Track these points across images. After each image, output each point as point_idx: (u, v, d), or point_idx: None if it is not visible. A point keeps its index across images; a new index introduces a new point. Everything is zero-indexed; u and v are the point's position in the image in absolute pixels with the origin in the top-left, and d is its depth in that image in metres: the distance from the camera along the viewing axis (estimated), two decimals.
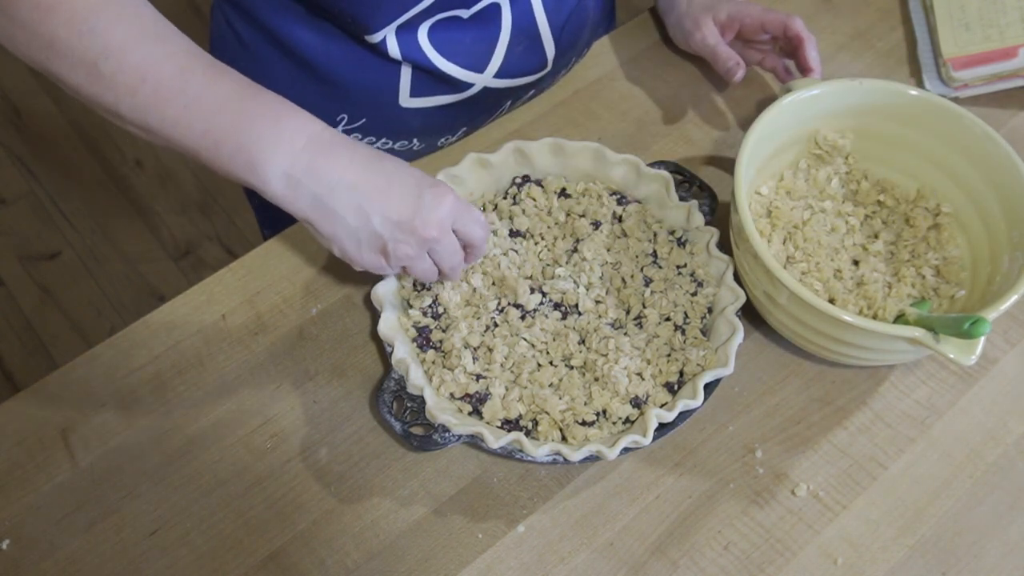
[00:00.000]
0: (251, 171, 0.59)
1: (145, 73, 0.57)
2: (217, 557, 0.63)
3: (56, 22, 0.57)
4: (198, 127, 0.58)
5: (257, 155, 0.59)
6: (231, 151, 0.59)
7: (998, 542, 0.64)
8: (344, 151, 0.60)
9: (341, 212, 0.60)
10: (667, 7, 0.87)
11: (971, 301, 0.69)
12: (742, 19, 0.80)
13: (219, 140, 0.58)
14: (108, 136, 1.98)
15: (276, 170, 0.59)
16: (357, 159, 0.61)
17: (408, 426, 0.64)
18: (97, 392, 0.69)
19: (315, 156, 0.59)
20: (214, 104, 0.58)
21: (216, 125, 0.58)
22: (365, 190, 0.60)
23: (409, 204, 0.61)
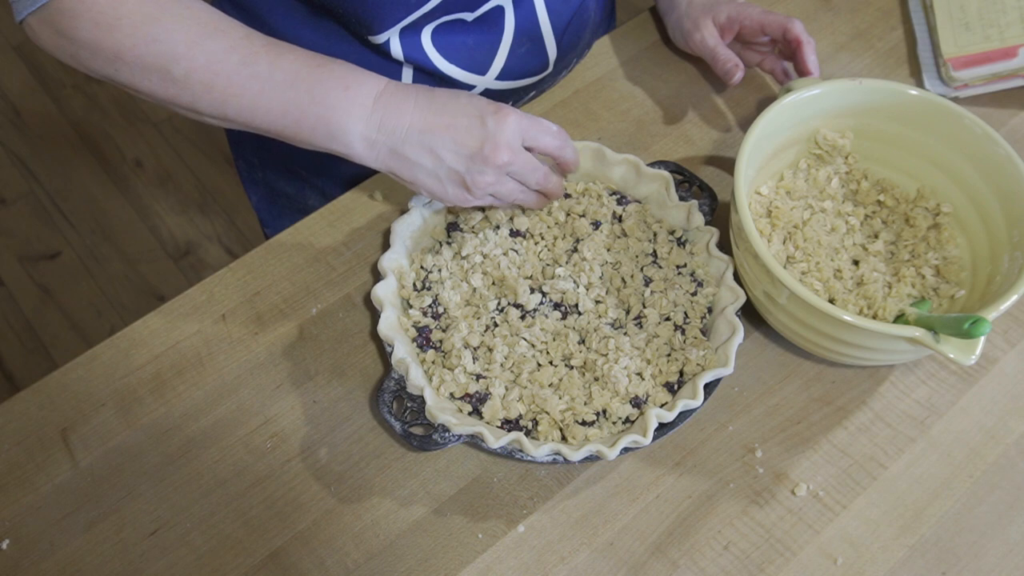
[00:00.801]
0: (333, 139, 0.63)
1: (215, 69, 0.61)
2: (217, 557, 0.63)
3: (119, 36, 0.59)
4: (276, 109, 0.62)
5: (335, 125, 0.63)
6: (311, 125, 0.63)
7: (998, 542, 0.64)
8: (407, 100, 0.64)
9: (415, 158, 0.64)
10: (667, 7, 0.87)
11: (971, 301, 0.69)
12: (741, 21, 0.80)
13: (298, 118, 0.63)
14: (108, 136, 1.98)
15: (355, 134, 0.63)
16: (420, 104, 0.64)
17: (408, 426, 0.64)
18: (97, 392, 0.69)
19: (384, 112, 0.63)
20: (284, 84, 0.62)
21: (291, 104, 0.62)
22: (432, 131, 0.63)
23: (475, 134, 0.63)
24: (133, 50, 0.60)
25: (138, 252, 1.82)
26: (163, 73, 0.61)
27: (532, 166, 0.66)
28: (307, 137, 0.64)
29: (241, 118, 0.63)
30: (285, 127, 0.63)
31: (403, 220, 0.72)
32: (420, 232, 0.74)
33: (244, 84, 0.61)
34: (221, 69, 0.61)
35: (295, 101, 0.62)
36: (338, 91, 0.62)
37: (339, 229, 0.78)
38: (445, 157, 0.63)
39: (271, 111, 0.62)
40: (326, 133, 0.63)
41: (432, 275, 0.71)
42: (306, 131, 0.63)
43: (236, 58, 0.61)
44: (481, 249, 0.71)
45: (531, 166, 0.66)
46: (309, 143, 0.64)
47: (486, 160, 0.63)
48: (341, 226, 0.78)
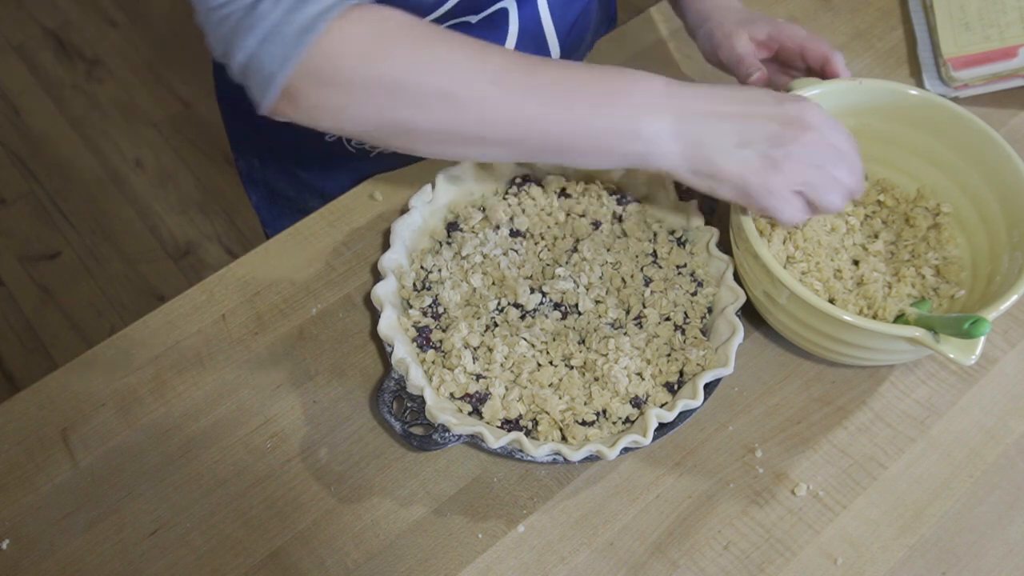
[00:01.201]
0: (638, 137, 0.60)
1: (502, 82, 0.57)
2: (217, 557, 0.63)
3: (394, 63, 0.56)
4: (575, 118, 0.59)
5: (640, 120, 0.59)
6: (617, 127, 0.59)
7: (998, 542, 0.64)
8: (695, 88, 0.61)
9: (717, 142, 0.60)
10: (697, 21, 0.80)
11: (971, 301, 0.69)
12: (782, 41, 0.74)
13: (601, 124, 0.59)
14: (108, 136, 1.98)
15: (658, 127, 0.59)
16: (712, 96, 0.61)
17: (408, 426, 0.64)
18: (97, 392, 0.69)
19: (679, 101, 0.60)
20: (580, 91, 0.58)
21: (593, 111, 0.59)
22: (730, 113, 0.60)
23: (776, 115, 0.60)
24: (414, 75, 0.55)
25: (138, 252, 1.82)
26: (449, 97, 0.56)
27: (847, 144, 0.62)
28: (608, 143, 0.60)
29: (537, 137, 0.59)
30: (584, 136, 0.59)
31: (403, 220, 0.72)
32: (420, 232, 0.74)
33: (540, 97, 0.58)
34: (509, 81, 0.57)
35: (595, 104, 0.59)
36: (632, 88, 0.59)
37: (339, 229, 0.78)
38: (751, 132, 0.60)
39: (568, 121, 0.59)
40: (631, 132, 0.59)
41: (432, 275, 0.71)
42: (609, 136, 0.59)
43: (521, 69, 0.57)
44: (481, 249, 0.71)
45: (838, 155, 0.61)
46: (606, 150, 0.60)
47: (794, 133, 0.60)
48: (341, 226, 0.78)
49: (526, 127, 0.59)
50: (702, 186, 0.63)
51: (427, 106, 0.57)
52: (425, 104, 0.56)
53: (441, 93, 0.56)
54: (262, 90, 0.57)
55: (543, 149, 0.61)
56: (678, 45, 0.92)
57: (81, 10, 2.18)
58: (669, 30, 0.93)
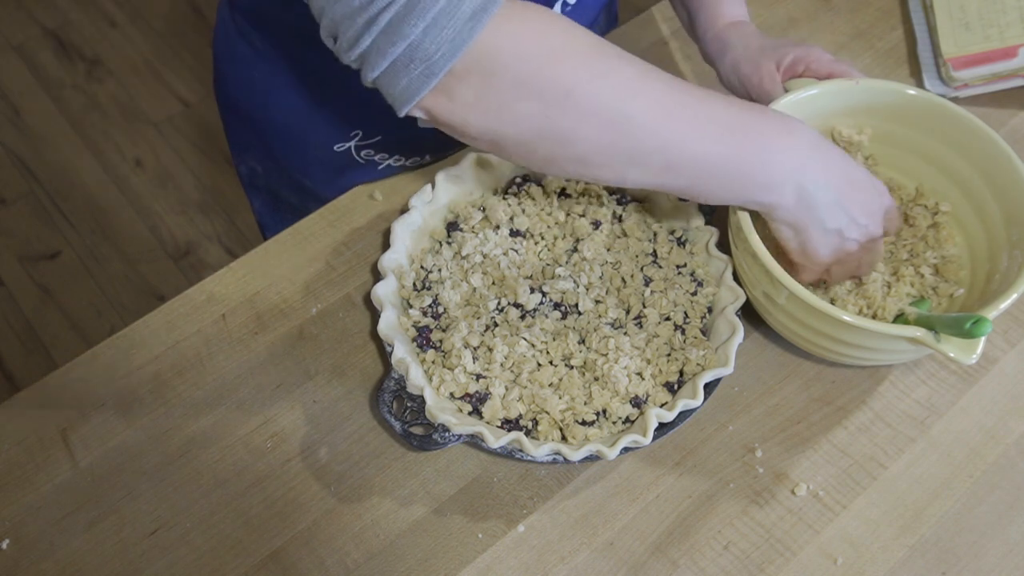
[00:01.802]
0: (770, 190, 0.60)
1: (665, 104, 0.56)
2: (217, 557, 0.63)
3: (569, 69, 0.54)
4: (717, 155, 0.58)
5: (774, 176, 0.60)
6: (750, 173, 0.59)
7: (998, 542, 0.64)
8: (831, 159, 0.62)
9: (822, 215, 0.62)
10: (718, 51, 0.77)
11: (970, 300, 0.69)
12: (808, 63, 0.73)
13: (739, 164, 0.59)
14: (108, 136, 1.98)
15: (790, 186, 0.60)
16: (840, 167, 0.62)
17: (408, 426, 0.64)
18: (97, 392, 0.69)
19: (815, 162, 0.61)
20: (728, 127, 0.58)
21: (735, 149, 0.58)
22: (845, 196, 0.62)
23: (870, 213, 0.64)
24: (587, 83, 0.53)
25: (138, 252, 1.82)
26: (615, 113, 0.54)
27: (878, 257, 0.68)
28: (739, 184, 0.60)
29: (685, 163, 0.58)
30: (727, 173, 0.59)
31: (403, 220, 0.72)
32: (420, 232, 0.74)
33: (694, 125, 0.57)
34: (672, 107, 0.56)
35: (745, 145, 0.58)
36: (782, 137, 0.59)
37: (339, 229, 0.78)
38: (843, 221, 0.63)
39: (717, 155, 0.58)
40: (763, 182, 0.60)
41: (432, 275, 0.71)
42: (741, 176, 0.59)
43: (682, 95, 0.56)
44: (481, 249, 0.71)
45: (878, 256, 0.68)
46: (734, 194, 0.60)
47: (871, 240, 0.65)
48: (341, 226, 0.78)
49: (678, 159, 0.58)
50: (779, 232, 0.65)
51: (595, 119, 0.55)
52: (594, 117, 0.55)
53: (612, 109, 0.54)
54: (420, 82, 0.54)
55: (680, 185, 0.60)
56: (678, 45, 0.92)
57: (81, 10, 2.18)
58: (669, 30, 0.93)
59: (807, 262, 0.66)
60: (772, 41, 0.75)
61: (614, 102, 0.55)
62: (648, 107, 0.56)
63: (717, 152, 0.58)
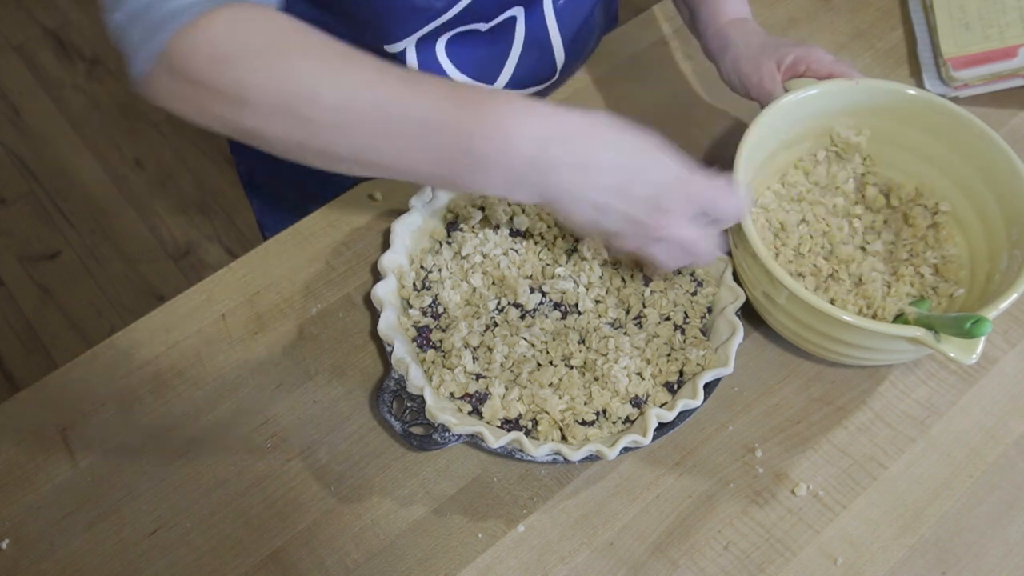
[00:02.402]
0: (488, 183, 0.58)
1: (351, 107, 0.55)
2: (217, 557, 0.63)
3: (240, 72, 0.54)
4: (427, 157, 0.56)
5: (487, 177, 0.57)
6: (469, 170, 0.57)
7: (998, 542, 0.64)
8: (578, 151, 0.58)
9: (576, 211, 0.59)
10: (719, 48, 0.77)
11: (970, 299, 0.69)
12: (809, 64, 0.73)
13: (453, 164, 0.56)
14: (108, 136, 1.98)
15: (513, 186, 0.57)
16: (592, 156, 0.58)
17: (408, 426, 0.64)
18: (97, 392, 0.69)
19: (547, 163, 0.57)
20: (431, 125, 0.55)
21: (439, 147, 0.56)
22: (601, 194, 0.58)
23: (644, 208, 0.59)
24: (258, 88, 0.54)
25: (138, 252, 1.82)
26: (293, 114, 0.54)
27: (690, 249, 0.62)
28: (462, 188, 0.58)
29: (387, 161, 0.57)
30: (432, 173, 0.58)
31: (403, 220, 0.72)
32: (420, 232, 0.74)
33: (385, 125, 0.55)
34: (357, 107, 0.55)
35: (443, 145, 0.56)
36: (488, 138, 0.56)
37: (339, 229, 0.78)
38: (606, 218, 0.59)
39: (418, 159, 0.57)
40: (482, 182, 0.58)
41: (432, 275, 0.71)
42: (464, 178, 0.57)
43: (372, 95, 0.55)
44: (481, 249, 0.71)
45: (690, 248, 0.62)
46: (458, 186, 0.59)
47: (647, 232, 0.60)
48: (341, 226, 0.78)
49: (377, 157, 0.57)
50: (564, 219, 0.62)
51: (272, 121, 0.55)
52: (269, 118, 0.55)
53: (283, 108, 0.54)
54: (127, 65, 0.57)
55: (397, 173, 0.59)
56: (679, 45, 0.92)
57: (81, 10, 2.18)
58: (670, 30, 0.93)
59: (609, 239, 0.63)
60: (773, 40, 0.75)
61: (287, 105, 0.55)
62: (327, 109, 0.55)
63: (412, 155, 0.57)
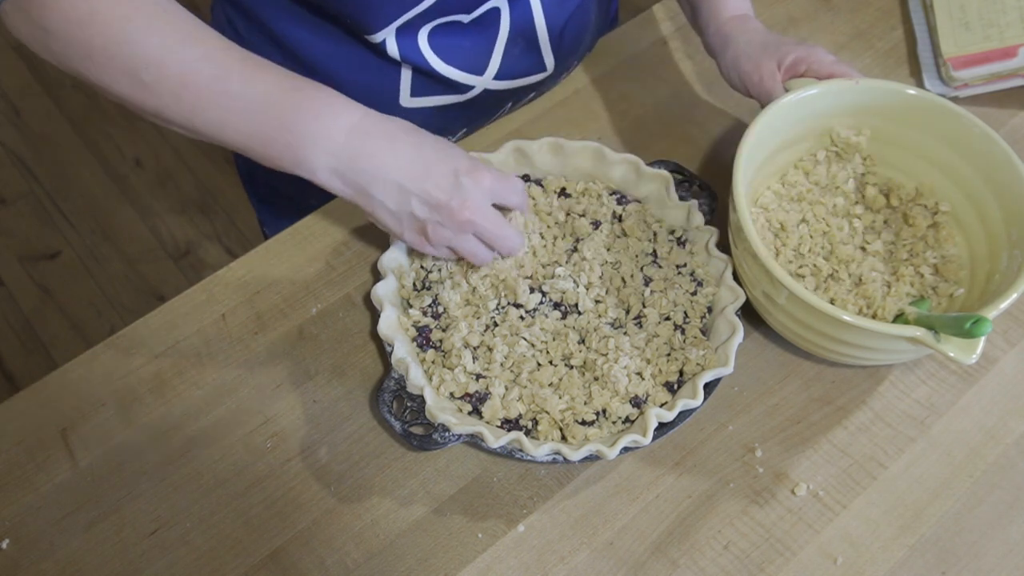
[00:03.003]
0: (298, 166, 0.62)
1: (186, 79, 0.59)
2: (217, 557, 0.63)
3: (90, 33, 0.58)
4: (244, 128, 0.61)
5: (302, 154, 0.61)
6: (279, 149, 0.61)
7: (998, 542, 0.64)
8: (383, 140, 0.63)
9: (381, 197, 0.63)
10: (720, 45, 0.77)
11: (970, 299, 0.69)
12: (810, 64, 0.73)
13: (265, 140, 0.61)
14: (108, 136, 1.98)
15: (320, 165, 0.62)
16: (397, 147, 0.63)
17: (408, 426, 0.64)
18: (97, 392, 0.69)
19: (356, 149, 0.62)
20: (257, 104, 0.60)
21: (261, 125, 0.61)
22: (404, 177, 0.63)
23: (445, 189, 0.63)
24: (104, 50, 0.58)
25: (138, 252, 1.82)
26: (132, 77, 0.59)
27: (498, 231, 0.66)
28: (275, 161, 0.62)
29: (208, 131, 0.61)
30: (251, 148, 0.62)
31: None
32: None
33: (214, 99, 0.60)
34: (192, 80, 0.59)
35: (264, 124, 0.61)
36: (308, 120, 0.61)
37: (339, 229, 0.78)
38: (411, 202, 0.63)
39: (239, 130, 0.61)
40: (292, 160, 0.62)
41: (432, 275, 0.71)
42: (273, 155, 0.62)
43: (209, 70, 0.59)
44: None
45: (497, 230, 0.66)
46: (277, 166, 0.63)
47: (451, 214, 0.63)
48: (341, 226, 0.78)
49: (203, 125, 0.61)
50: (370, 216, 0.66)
51: (113, 79, 0.59)
52: (111, 77, 0.59)
53: (125, 71, 0.58)
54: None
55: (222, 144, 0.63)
56: (679, 45, 0.92)
57: None
58: (670, 30, 0.93)
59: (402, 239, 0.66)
60: (775, 39, 0.75)
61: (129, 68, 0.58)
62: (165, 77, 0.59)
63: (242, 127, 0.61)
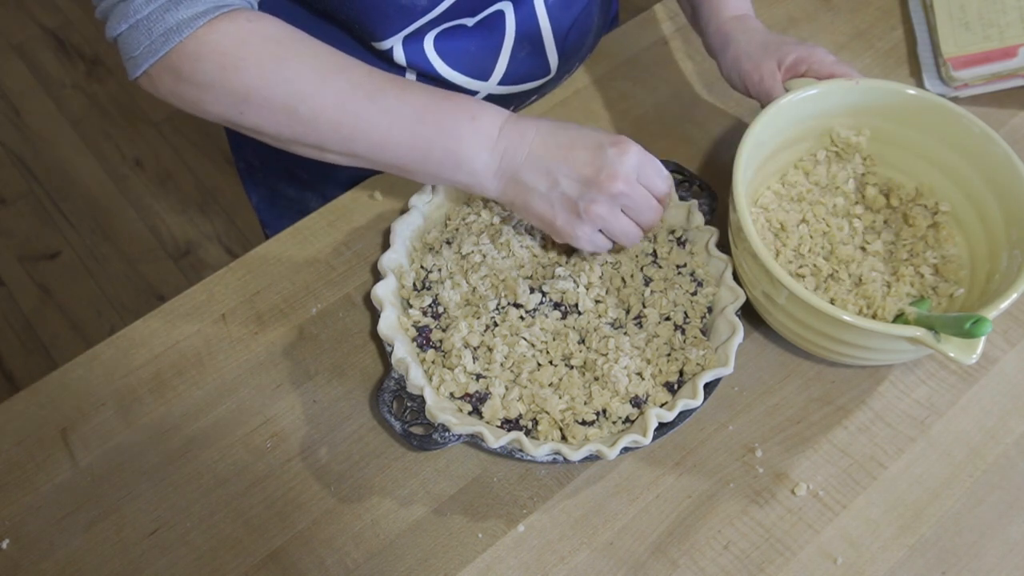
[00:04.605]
0: (459, 170, 0.64)
1: (343, 107, 0.62)
2: (217, 557, 0.63)
3: (245, 78, 0.60)
4: (404, 143, 0.63)
5: (464, 155, 0.63)
6: (439, 158, 0.64)
7: (998, 542, 0.64)
8: (529, 128, 0.64)
9: (532, 183, 0.64)
10: (721, 45, 0.77)
11: (970, 299, 0.69)
12: (810, 64, 0.73)
13: (426, 150, 0.63)
14: (108, 136, 1.98)
15: (481, 164, 0.64)
16: (542, 131, 0.64)
17: (408, 426, 0.64)
18: (97, 392, 0.69)
19: (508, 141, 0.64)
20: (412, 118, 0.63)
21: (420, 137, 0.63)
22: (550, 157, 0.64)
23: (593, 162, 0.63)
24: (260, 91, 0.61)
25: (138, 252, 1.82)
26: (290, 113, 0.61)
27: (648, 203, 0.66)
28: (434, 169, 0.64)
29: (369, 154, 0.64)
30: (412, 160, 0.64)
31: (403, 220, 0.72)
32: (420, 232, 0.74)
33: (372, 120, 0.62)
34: (350, 106, 0.62)
35: (423, 134, 0.63)
36: (465, 122, 0.63)
37: (339, 229, 0.78)
38: (560, 181, 0.63)
39: (400, 145, 0.63)
40: (453, 164, 0.64)
41: (432, 275, 0.71)
42: (433, 164, 0.64)
43: (362, 94, 0.62)
44: (481, 249, 0.71)
45: (647, 202, 0.66)
46: (434, 175, 0.65)
47: (601, 187, 0.63)
48: (341, 226, 0.78)
49: (364, 149, 0.64)
50: (520, 215, 0.68)
51: (271, 119, 0.62)
52: (269, 116, 0.62)
53: (282, 108, 0.61)
54: (127, 68, 0.62)
55: (381, 165, 0.66)
56: (679, 45, 0.92)
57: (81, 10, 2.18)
58: (670, 30, 0.93)
59: (553, 232, 0.66)
60: (775, 39, 0.75)
61: (287, 105, 0.61)
62: (321, 108, 0.62)
63: (402, 143, 0.63)
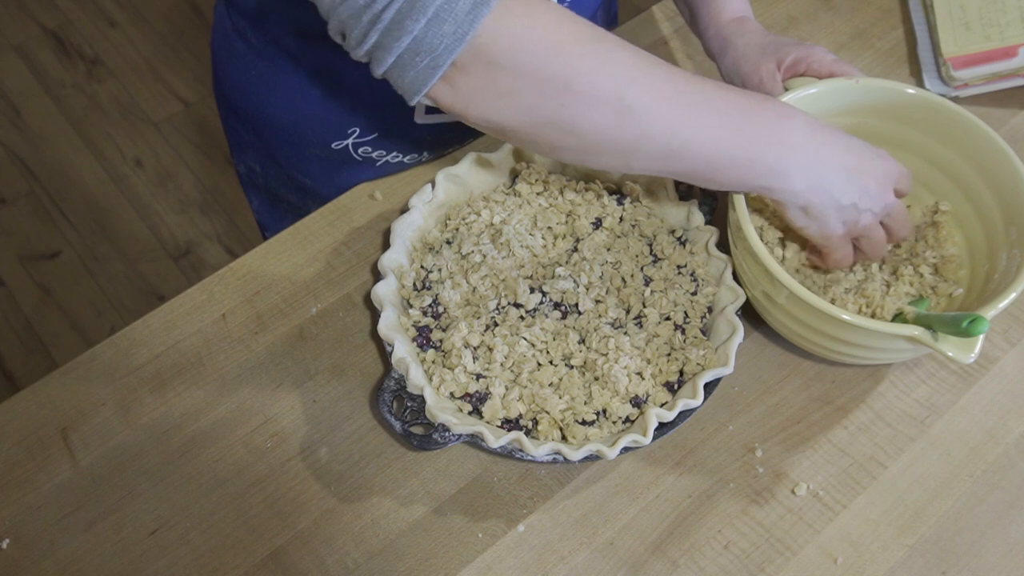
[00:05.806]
0: (771, 172, 0.61)
1: (667, 94, 0.57)
2: (217, 557, 0.63)
3: (568, 57, 0.55)
4: (725, 140, 0.59)
5: (784, 154, 0.61)
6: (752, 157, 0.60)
7: (998, 542, 0.64)
8: (828, 137, 0.63)
9: (837, 194, 0.63)
10: (720, 48, 0.77)
11: (970, 299, 0.69)
12: (809, 63, 0.73)
13: (748, 149, 0.60)
14: (108, 136, 1.98)
15: (795, 165, 0.61)
16: (838, 143, 0.63)
17: (408, 425, 0.64)
18: (97, 392, 0.69)
19: (819, 144, 0.62)
20: (732, 108, 0.59)
21: (740, 128, 0.60)
22: (851, 169, 0.63)
23: (873, 172, 0.64)
24: (587, 74, 0.55)
25: (138, 252, 1.82)
26: (616, 103, 0.55)
27: (902, 216, 0.67)
28: (743, 170, 0.61)
29: (687, 151, 0.59)
30: (732, 160, 0.60)
31: (403, 220, 0.72)
32: (420, 232, 0.74)
33: (695, 112, 0.58)
34: (672, 94, 0.57)
35: (742, 128, 0.59)
36: (772, 120, 0.61)
37: (339, 229, 0.78)
38: (853, 192, 0.63)
39: (719, 142, 0.59)
40: (765, 167, 0.61)
41: (432, 275, 0.71)
42: (754, 167, 0.61)
43: (681, 82, 0.58)
44: (481, 249, 0.71)
45: (904, 218, 0.67)
46: (737, 179, 0.62)
47: (877, 198, 0.64)
48: (341, 226, 0.78)
49: (681, 146, 0.59)
50: (794, 219, 0.65)
51: (596, 109, 0.56)
52: (594, 107, 0.56)
53: (608, 97, 0.55)
54: (426, 74, 0.56)
55: (685, 170, 0.62)
56: (679, 44, 0.92)
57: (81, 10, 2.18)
58: (669, 30, 0.93)
59: (828, 243, 0.66)
60: (774, 39, 0.75)
61: (614, 92, 0.56)
62: (649, 96, 0.57)
63: (722, 139, 0.60)
